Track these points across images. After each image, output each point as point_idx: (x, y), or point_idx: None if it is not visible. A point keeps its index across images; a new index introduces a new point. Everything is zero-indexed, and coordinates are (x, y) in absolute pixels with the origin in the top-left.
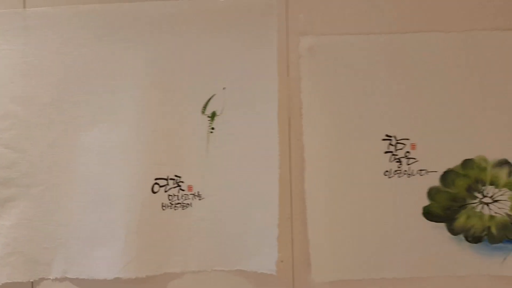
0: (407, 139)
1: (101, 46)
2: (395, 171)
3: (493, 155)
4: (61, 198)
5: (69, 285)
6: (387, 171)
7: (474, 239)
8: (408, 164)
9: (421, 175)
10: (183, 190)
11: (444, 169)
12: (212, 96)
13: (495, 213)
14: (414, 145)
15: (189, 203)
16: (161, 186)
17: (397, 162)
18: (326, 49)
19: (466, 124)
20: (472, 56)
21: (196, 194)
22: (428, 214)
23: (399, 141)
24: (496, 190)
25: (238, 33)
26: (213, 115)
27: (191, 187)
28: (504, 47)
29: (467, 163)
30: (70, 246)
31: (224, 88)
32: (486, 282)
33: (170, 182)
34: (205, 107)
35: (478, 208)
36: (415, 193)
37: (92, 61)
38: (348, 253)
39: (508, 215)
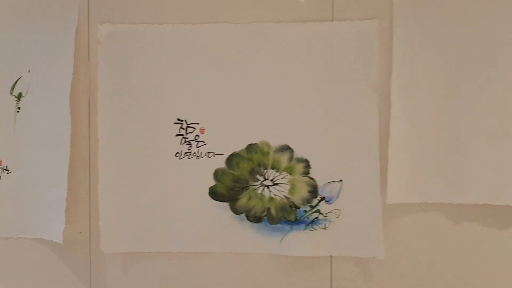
0: (197, 123)
1: None
2: (185, 153)
3: (275, 141)
4: None
5: None
6: (177, 152)
7: (254, 218)
8: (198, 147)
9: (208, 158)
10: None
11: (230, 153)
12: (19, 78)
13: (275, 195)
14: (203, 129)
15: None
16: None
17: (187, 144)
18: (123, 36)
19: (251, 110)
20: (259, 46)
21: (5, 168)
22: (214, 194)
23: (189, 125)
24: (277, 173)
25: (42, 21)
26: (19, 96)
27: (0, 161)
28: (289, 38)
29: (251, 147)
30: None
31: (29, 71)
32: (265, 260)
33: None
34: (13, 88)
35: (260, 190)
36: (203, 174)
37: None
38: (138, 227)
39: (287, 198)
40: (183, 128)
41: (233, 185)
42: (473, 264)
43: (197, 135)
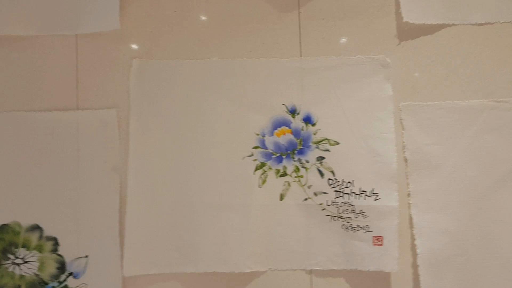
0: None
1: None
2: None
3: (26, 220)
4: None
5: None
6: None
7: None
8: None
9: None
10: None
11: None
12: None
13: (25, 273)
14: None
15: None
16: None
17: None
18: None
19: (3, 191)
20: (10, 131)
21: None
22: None
23: None
24: (27, 252)
25: None
26: None
27: None
28: (36, 125)
29: (3, 228)
30: None
31: None
32: None
33: None
34: None
35: (11, 268)
36: None
37: None
38: None
39: (36, 275)
40: None
41: None
42: None
43: None
